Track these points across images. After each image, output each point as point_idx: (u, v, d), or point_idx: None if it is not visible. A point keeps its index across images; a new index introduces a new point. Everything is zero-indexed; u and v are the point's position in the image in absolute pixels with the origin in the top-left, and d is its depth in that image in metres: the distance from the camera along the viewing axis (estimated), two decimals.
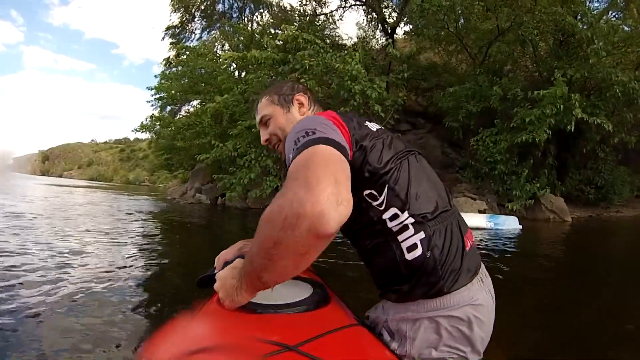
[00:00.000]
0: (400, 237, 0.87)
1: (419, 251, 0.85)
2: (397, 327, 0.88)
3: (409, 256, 0.85)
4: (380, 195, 0.88)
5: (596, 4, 15.29)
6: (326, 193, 0.59)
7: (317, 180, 0.61)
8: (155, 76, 17.50)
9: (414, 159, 0.97)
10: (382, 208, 0.88)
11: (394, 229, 0.87)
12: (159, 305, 2.69)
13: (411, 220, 0.87)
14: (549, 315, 2.93)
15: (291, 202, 0.60)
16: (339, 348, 0.73)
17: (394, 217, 0.87)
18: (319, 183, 0.60)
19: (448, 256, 0.86)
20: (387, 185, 0.88)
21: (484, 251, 5.36)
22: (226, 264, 1.09)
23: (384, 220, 0.88)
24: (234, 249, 1.16)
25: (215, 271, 1.13)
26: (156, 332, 0.64)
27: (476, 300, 0.88)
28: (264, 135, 1.14)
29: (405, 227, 0.87)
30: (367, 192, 0.88)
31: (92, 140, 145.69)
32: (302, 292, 0.97)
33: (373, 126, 0.97)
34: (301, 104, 1.13)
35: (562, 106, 9.21)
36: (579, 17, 10.89)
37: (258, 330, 0.72)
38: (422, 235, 0.86)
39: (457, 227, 0.93)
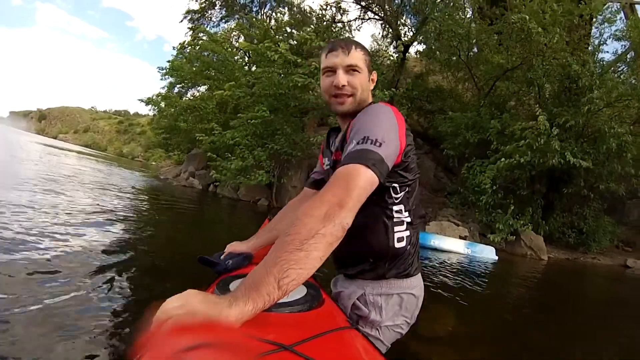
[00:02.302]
0: (395, 228, 1.13)
1: (403, 243, 1.14)
2: (374, 300, 1.16)
3: (397, 244, 1.14)
4: (400, 192, 1.13)
5: (607, 55, 15.67)
6: (349, 209, 0.82)
7: (348, 200, 0.83)
8: (168, 61, 17.45)
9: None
10: (397, 201, 1.13)
11: (394, 219, 1.13)
12: (150, 297, 2.46)
13: (408, 219, 1.15)
14: (501, 335, 3.15)
15: (330, 204, 0.80)
16: (333, 350, 0.75)
17: (399, 212, 1.14)
18: (347, 204, 0.82)
19: (415, 251, 1.20)
20: (407, 189, 1.14)
21: (458, 274, 5.58)
22: (229, 255, 1.27)
23: (393, 209, 1.13)
24: (247, 244, 1.35)
25: (222, 257, 1.26)
26: (147, 329, 0.63)
27: (422, 285, 1.24)
28: (343, 80, 1.13)
29: (401, 223, 1.14)
30: (394, 184, 1.11)
31: (92, 107, 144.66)
32: (296, 292, 0.97)
33: (411, 137, 1.17)
34: (373, 82, 1.25)
35: (543, 141, 9.61)
36: (584, 67, 11.20)
37: (253, 329, 0.71)
38: (407, 233, 1.16)
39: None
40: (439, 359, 2.48)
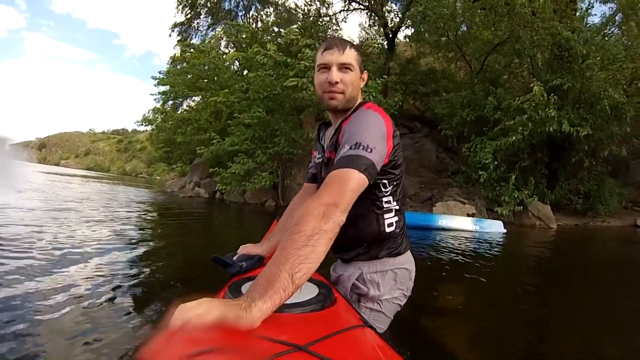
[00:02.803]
0: (385, 216, 1.29)
1: (392, 227, 1.30)
2: (371, 278, 1.31)
3: (387, 229, 1.29)
4: (389, 187, 1.27)
5: (596, 19, 15.59)
6: (343, 207, 0.93)
7: (342, 200, 0.93)
8: (160, 72, 17.46)
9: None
10: (387, 194, 1.28)
11: (384, 208, 1.28)
12: (161, 303, 2.57)
13: (396, 207, 1.31)
14: (510, 307, 3.24)
15: (327, 205, 0.90)
16: (348, 349, 0.74)
17: (388, 202, 1.29)
18: (342, 204, 0.92)
19: (403, 232, 1.35)
20: (394, 183, 1.29)
21: (467, 251, 5.68)
22: (242, 256, 1.32)
23: (382, 200, 1.28)
24: (260, 246, 1.43)
25: (234, 258, 1.30)
26: (158, 332, 0.63)
27: (412, 260, 1.40)
28: (336, 77, 1.23)
29: (390, 210, 1.29)
30: (384, 180, 1.25)
31: (90, 130, 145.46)
32: (308, 291, 0.98)
33: (398, 136, 1.28)
34: (364, 80, 1.36)
35: (542, 112, 9.70)
36: (574, 33, 11.17)
37: (266, 330, 0.71)
38: (396, 218, 1.31)
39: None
40: (448, 331, 2.57)
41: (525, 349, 2.43)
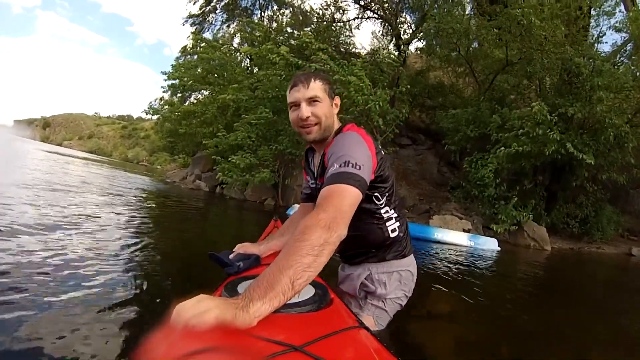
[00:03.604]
0: (387, 224, 1.44)
1: (396, 232, 1.46)
2: (379, 278, 1.46)
3: (392, 235, 1.45)
4: (382, 198, 1.40)
5: (606, 47, 15.67)
6: (345, 222, 1.00)
7: (344, 215, 1.01)
8: (171, 65, 17.55)
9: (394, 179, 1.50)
10: (381, 205, 1.41)
11: (385, 217, 1.43)
12: (157, 297, 2.52)
13: (395, 214, 1.45)
14: (498, 318, 3.31)
15: (332, 218, 0.95)
16: (344, 349, 0.75)
17: (386, 212, 1.43)
18: (343, 218, 1.00)
19: (406, 236, 1.51)
20: (387, 194, 1.41)
21: (460, 265, 5.74)
22: (239, 255, 1.37)
23: (380, 211, 1.42)
24: (258, 246, 1.50)
25: (231, 256, 1.34)
26: (155, 331, 0.63)
27: (415, 263, 1.53)
28: (306, 112, 1.30)
29: (390, 218, 1.44)
30: (375, 193, 1.38)
31: (96, 113, 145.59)
32: (304, 292, 0.98)
33: (381, 150, 1.40)
34: (337, 106, 1.44)
35: (541, 131, 9.72)
36: (585, 59, 11.25)
37: (262, 330, 0.72)
38: (398, 224, 1.46)
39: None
40: (437, 335, 2.65)
41: (510, 357, 2.50)
